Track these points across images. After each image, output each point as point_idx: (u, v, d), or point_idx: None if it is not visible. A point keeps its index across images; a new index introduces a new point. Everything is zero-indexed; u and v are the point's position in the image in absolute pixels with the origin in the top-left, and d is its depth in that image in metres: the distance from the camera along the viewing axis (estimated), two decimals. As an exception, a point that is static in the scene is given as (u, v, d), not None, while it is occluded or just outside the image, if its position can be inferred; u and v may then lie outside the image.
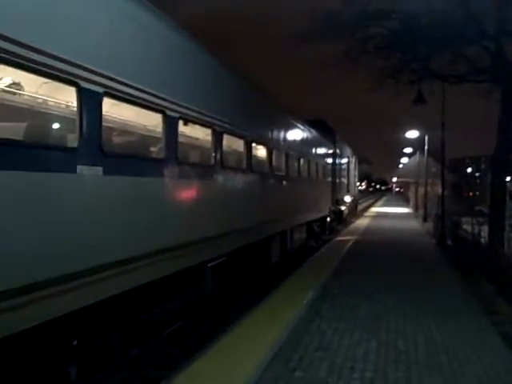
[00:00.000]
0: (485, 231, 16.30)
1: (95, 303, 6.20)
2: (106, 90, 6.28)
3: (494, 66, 17.00)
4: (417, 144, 47.13)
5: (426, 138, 38.24)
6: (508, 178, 24.29)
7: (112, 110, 6.81)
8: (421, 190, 41.71)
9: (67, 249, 5.66)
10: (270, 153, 14.09)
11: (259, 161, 13.60)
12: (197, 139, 10.29)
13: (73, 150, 5.82)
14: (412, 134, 42.05)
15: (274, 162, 14.40)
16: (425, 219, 34.54)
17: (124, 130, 7.89)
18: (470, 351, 7.36)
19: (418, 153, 47.61)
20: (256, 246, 12.85)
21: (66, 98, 6.12)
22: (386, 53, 18.41)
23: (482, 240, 16.14)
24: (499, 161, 17.37)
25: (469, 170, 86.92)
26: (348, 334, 8.11)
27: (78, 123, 5.84)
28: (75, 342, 6.48)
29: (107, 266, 6.36)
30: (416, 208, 46.83)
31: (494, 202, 16.94)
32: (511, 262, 12.33)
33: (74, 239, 5.75)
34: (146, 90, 7.27)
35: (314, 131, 21.69)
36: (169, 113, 7.99)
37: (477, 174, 68.92)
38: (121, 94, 6.69)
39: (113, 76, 6.43)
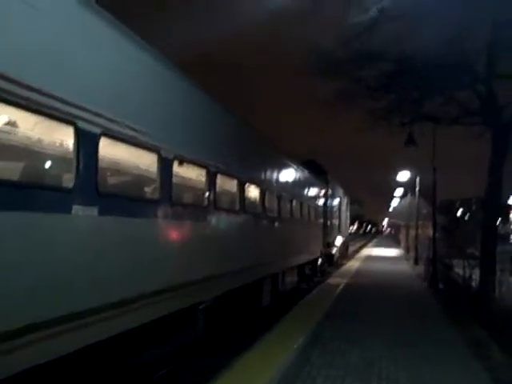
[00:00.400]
0: (476, 274, 16.29)
1: (86, 346, 6.11)
2: (103, 130, 6.31)
3: (485, 109, 17.27)
4: (408, 185, 47.35)
5: (418, 179, 38.49)
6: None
7: (108, 150, 6.82)
8: (412, 232, 41.77)
9: (60, 290, 5.59)
10: (263, 194, 14.09)
11: (252, 202, 13.59)
12: (191, 180, 10.29)
13: (68, 190, 5.80)
14: (403, 175, 42.28)
15: (266, 204, 14.39)
16: (416, 262, 34.49)
17: (119, 170, 7.89)
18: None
19: (409, 194, 47.84)
20: (247, 289, 12.74)
21: (63, 137, 6.13)
22: (379, 94, 18.67)
23: (473, 283, 16.12)
24: (490, 204, 17.50)
25: (459, 211, 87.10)
26: (339, 381, 8.00)
27: (74, 163, 5.85)
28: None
29: (100, 308, 6.29)
30: (407, 250, 46.80)
31: (484, 245, 17.00)
32: (502, 307, 12.28)
33: (67, 280, 5.69)
34: (143, 130, 7.31)
35: (306, 172, 21.75)
36: (164, 153, 8.02)
37: (467, 217, 69.06)
38: (117, 135, 6.72)
39: (110, 116, 6.47)
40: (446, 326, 12.82)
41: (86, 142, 6.00)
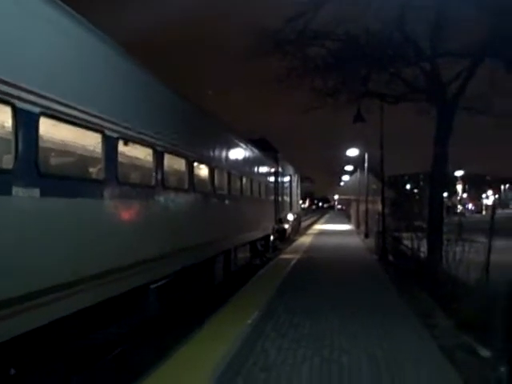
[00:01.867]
0: (424, 246, 16.65)
1: (33, 330, 6.02)
2: (42, 110, 6.17)
3: (430, 86, 17.59)
4: (357, 162, 47.96)
5: (366, 155, 39.02)
6: (445, 194, 24.99)
7: (49, 130, 6.68)
8: (362, 207, 42.40)
9: (1, 274, 5.49)
10: (212, 172, 14.07)
11: (201, 180, 13.56)
12: (137, 159, 10.18)
13: (8, 171, 5.67)
14: (352, 151, 42.79)
15: (216, 182, 14.39)
16: (366, 235, 35.08)
17: (62, 150, 7.73)
18: (410, 366, 7.47)
19: (358, 170, 48.44)
20: (200, 266, 12.76)
21: (1, 118, 5.97)
22: (326, 72, 18.76)
23: (422, 254, 16.48)
24: (436, 177, 17.88)
25: (408, 186, 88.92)
26: (291, 352, 8.12)
27: (13, 144, 5.71)
28: (12, 371, 6.27)
29: (45, 290, 6.20)
30: (358, 225, 47.50)
31: (431, 217, 17.39)
32: (448, 276, 12.60)
33: (8, 264, 5.58)
34: (85, 109, 7.18)
35: (256, 150, 21.81)
36: (108, 133, 7.91)
37: (415, 191, 70.47)
38: (58, 114, 6.59)
39: (49, 96, 6.33)
40: (395, 296, 13.11)
41: (25, 122, 5.86)
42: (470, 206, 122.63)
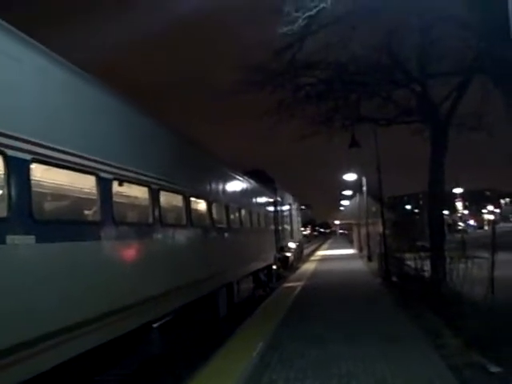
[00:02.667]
0: (428, 265, 16.59)
1: (37, 376, 5.97)
2: (33, 156, 6.20)
3: (421, 107, 17.73)
4: (356, 186, 47.97)
5: (364, 179, 39.07)
6: (445, 212, 24.97)
7: (42, 175, 6.71)
8: (363, 231, 42.32)
9: (2, 321, 5.46)
10: (209, 206, 14.08)
11: (199, 215, 13.57)
12: (133, 199, 10.20)
13: (2, 220, 5.68)
14: (350, 176, 42.75)
15: (214, 215, 14.38)
16: (369, 259, 34.94)
17: (56, 194, 7.75)
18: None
19: (357, 194, 48.47)
20: (202, 301, 12.68)
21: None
22: (317, 101, 18.90)
23: (426, 274, 16.41)
24: (434, 196, 17.91)
25: (408, 206, 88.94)
26: (299, 382, 8.03)
27: (6, 192, 5.72)
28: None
29: (46, 336, 6.16)
30: (360, 248, 47.36)
31: (433, 236, 17.37)
32: (454, 293, 12.54)
33: (7, 312, 5.55)
34: (77, 153, 7.21)
35: (253, 182, 21.86)
36: (102, 174, 7.93)
37: (416, 211, 70.46)
38: (50, 160, 6.62)
39: (40, 142, 6.36)
40: (401, 317, 13.03)
41: (17, 170, 5.88)
42: (472, 222, 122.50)
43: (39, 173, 6.51)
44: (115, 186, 8.50)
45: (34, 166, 6.25)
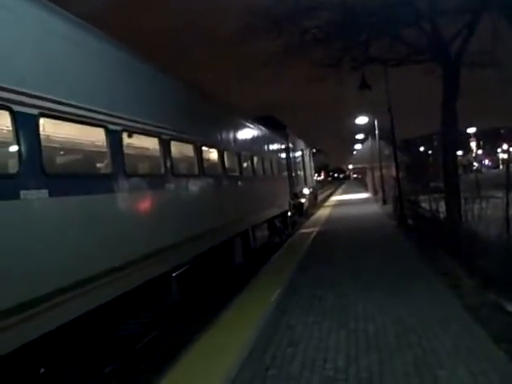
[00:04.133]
0: (443, 207, 16.53)
1: (59, 327, 6.08)
2: (40, 111, 6.16)
3: (431, 45, 17.34)
4: (368, 129, 47.63)
5: (376, 122, 38.73)
6: (460, 152, 24.76)
7: (51, 129, 6.68)
8: (377, 174, 42.19)
9: (22, 276, 5.53)
10: (221, 155, 14.03)
11: (211, 164, 13.54)
12: (144, 150, 10.18)
13: (14, 175, 5.68)
14: (362, 119, 42.38)
15: (226, 164, 14.34)
16: (384, 202, 34.92)
17: (66, 148, 7.74)
18: (438, 328, 7.45)
19: (369, 138, 48.16)
20: (219, 249, 12.78)
21: (1, 123, 5.97)
22: (325, 43, 18.54)
23: (441, 215, 16.37)
24: (447, 137, 17.69)
25: (421, 148, 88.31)
26: (317, 326, 8.13)
27: (16, 148, 5.71)
28: (42, 370, 6.34)
29: (67, 288, 6.25)
30: (375, 192, 47.33)
31: (447, 177, 17.23)
32: (469, 234, 12.50)
33: (25, 266, 5.62)
34: (84, 106, 7.15)
35: (264, 128, 21.70)
36: (111, 127, 7.88)
37: (430, 152, 69.94)
38: (58, 114, 6.57)
39: (47, 96, 6.31)
40: (417, 259, 13.10)
41: (26, 125, 5.86)
42: (487, 161, 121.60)
43: (48, 127, 6.48)
44: (125, 138, 8.47)
45: (42, 120, 6.21)
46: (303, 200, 31.01)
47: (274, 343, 7.48)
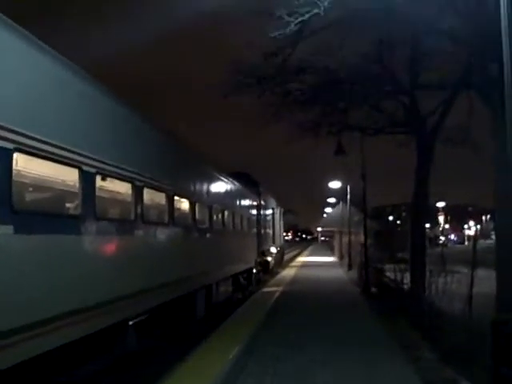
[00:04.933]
0: (407, 278, 16.62)
1: (9, 368, 5.86)
2: (16, 145, 6.08)
3: (408, 118, 17.78)
4: (340, 194, 48.07)
5: (348, 187, 39.15)
6: (427, 225, 25.05)
7: (24, 165, 6.59)
8: (345, 239, 42.40)
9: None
10: (192, 206, 13.99)
11: (182, 214, 13.47)
12: (116, 194, 10.09)
13: None
14: (335, 184, 42.81)
15: (197, 215, 14.28)
16: (349, 267, 34.99)
17: (37, 186, 7.63)
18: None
19: (341, 202, 48.57)
20: (180, 301, 12.58)
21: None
22: (305, 106, 18.86)
23: (405, 286, 16.43)
24: (417, 208, 17.94)
25: (390, 217, 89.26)
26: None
27: None
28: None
29: (22, 328, 6.05)
30: (341, 257, 47.46)
31: (414, 248, 17.38)
32: (432, 307, 12.54)
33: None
34: (61, 145, 7.09)
35: (237, 184, 21.78)
36: (85, 168, 7.81)
37: (398, 222, 70.68)
38: (33, 150, 6.49)
39: (24, 132, 6.24)
40: (378, 329, 13.03)
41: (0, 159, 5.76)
42: (453, 236, 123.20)
43: (21, 163, 6.40)
44: (98, 181, 8.40)
45: (16, 155, 6.12)
46: (269, 258, 30.92)
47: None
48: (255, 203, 27.07)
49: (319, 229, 70.52)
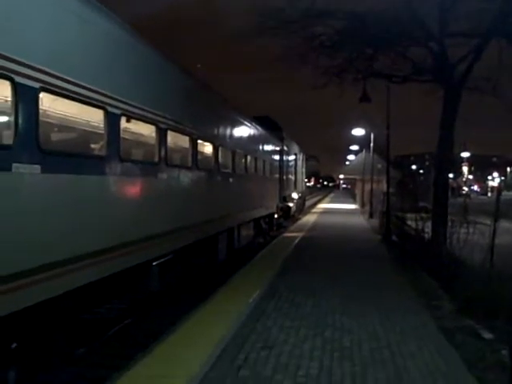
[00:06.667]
0: (429, 227, 16.60)
1: (37, 303, 6.03)
2: (42, 85, 6.08)
3: (437, 66, 17.39)
4: (363, 141, 47.82)
5: (372, 135, 38.86)
6: (450, 175, 24.85)
7: (50, 105, 6.62)
8: (367, 187, 42.33)
9: (3, 250, 5.47)
10: (216, 150, 14.00)
11: (205, 158, 13.51)
12: (140, 136, 10.13)
13: (8, 147, 5.61)
14: (358, 131, 42.54)
15: (220, 160, 14.32)
16: (371, 215, 35.05)
17: (64, 126, 7.67)
18: (412, 346, 7.46)
19: (364, 150, 48.31)
20: (203, 244, 12.74)
21: (0, 93, 5.89)
22: (332, 51, 18.54)
23: (426, 235, 16.44)
24: (442, 158, 17.76)
25: (413, 167, 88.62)
26: (293, 331, 8.11)
27: (13, 119, 5.64)
28: (14, 345, 6.28)
29: (48, 265, 6.19)
30: (362, 204, 47.48)
31: (436, 198, 17.30)
32: (453, 257, 12.56)
33: (9, 240, 5.55)
34: (86, 85, 7.08)
35: (260, 128, 21.68)
36: (110, 109, 7.82)
37: (421, 171, 70.18)
38: (59, 90, 6.49)
39: (50, 71, 6.24)
40: (397, 277, 13.11)
41: (25, 98, 5.77)
42: (476, 187, 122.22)
43: (48, 102, 6.41)
44: (123, 122, 8.42)
45: (42, 95, 6.14)
46: (291, 204, 31.03)
47: (248, 344, 7.45)
48: (278, 148, 26.99)
49: (341, 176, 70.34)
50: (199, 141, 12.51)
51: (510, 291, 8.83)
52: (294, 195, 33.18)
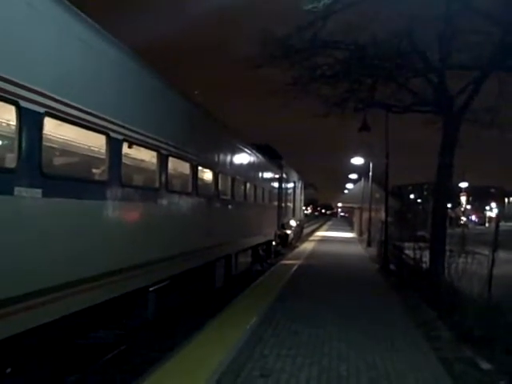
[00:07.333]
0: (427, 256, 16.59)
1: (33, 328, 6.01)
2: (47, 109, 6.15)
3: (436, 97, 17.56)
4: (362, 170, 47.91)
5: (371, 164, 38.98)
6: (449, 205, 24.85)
7: (54, 130, 6.68)
8: (365, 216, 42.35)
9: (3, 273, 5.47)
10: (216, 177, 14.06)
11: (205, 184, 13.57)
12: (142, 162, 10.19)
13: (11, 170, 5.66)
14: (357, 160, 42.68)
15: (220, 186, 14.37)
16: (369, 244, 34.99)
17: (66, 151, 7.74)
18: (411, 377, 7.42)
19: (362, 179, 48.41)
20: (200, 270, 12.72)
21: (5, 117, 5.96)
22: (333, 81, 18.72)
23: (424, 265, 16.41)
24: (440, 188, 17.83)
25: (412, 196, 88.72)
26: (290, 359, 8.07)
27: (16, 143, 5.69)
28: (9, 370, 6.25)
29: (45, 290, 6.18)
30: (360, 233, 47.45)
31: (435, 227, 17.32)
32: (450, 287, 12.54)
33: (8, 263, 5.56)
34: (89, 111, 7.16)
35: (260, 156, 21.80)
36: (112, 135, 7.88)
37: (419, 201, 70.16)
38: (63, 115, 6.56)
39: (55, 96, 6.31)
40: (395, 307, 13.06)
41: (29, 122, 5.84)
42: (474, 217, 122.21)
43: (51, 127, 6.47)
44: (125, 148, 8.48)
45: (46, 119, 6.20)
46: (289, 231, 31.03)
47: (245, 371, 7.41)
48: (277, 176, 27.10)
49: (339, 204, 70.36)
50: (200, 167, 12.57)
51: (507, 322, 8.83)
52: (292, 223, 33.20)
